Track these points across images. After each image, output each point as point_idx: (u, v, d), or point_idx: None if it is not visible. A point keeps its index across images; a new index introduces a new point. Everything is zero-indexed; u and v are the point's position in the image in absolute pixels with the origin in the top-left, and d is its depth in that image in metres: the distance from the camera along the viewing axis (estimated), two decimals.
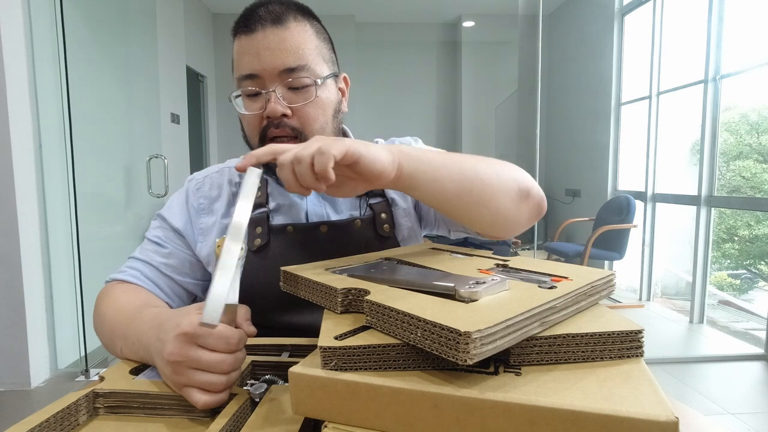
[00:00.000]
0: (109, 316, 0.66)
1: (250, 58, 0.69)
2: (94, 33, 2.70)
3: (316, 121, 0.72)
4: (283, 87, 0.69)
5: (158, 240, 0.77)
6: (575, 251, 3.48)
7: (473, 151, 2.42)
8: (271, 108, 0.69)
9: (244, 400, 0.45)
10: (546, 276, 0.46)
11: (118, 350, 0.62)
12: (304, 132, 0.71)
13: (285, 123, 0.70)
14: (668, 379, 2.28)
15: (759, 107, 3.84)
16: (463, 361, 0.30)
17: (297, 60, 0.69)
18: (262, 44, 0.68)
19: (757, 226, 4.03)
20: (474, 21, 5.13)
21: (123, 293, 0.70)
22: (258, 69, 0.69)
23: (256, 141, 0.73)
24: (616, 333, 0.36)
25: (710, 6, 3.05)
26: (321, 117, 0.73)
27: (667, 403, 0.29)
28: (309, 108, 0.71)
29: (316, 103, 0.71)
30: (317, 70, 0.71)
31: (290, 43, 0.69)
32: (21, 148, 2.11)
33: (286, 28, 0.69)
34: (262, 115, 0.70)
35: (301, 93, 0.70)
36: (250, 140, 0.75)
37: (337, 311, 0.43)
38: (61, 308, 2.31)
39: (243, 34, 0.70)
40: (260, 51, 0.68)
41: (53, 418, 0.42)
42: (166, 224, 0.78)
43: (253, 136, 0.73)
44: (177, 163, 3.74)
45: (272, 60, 0.68)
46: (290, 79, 0.69)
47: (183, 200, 0.80)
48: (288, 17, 0.70)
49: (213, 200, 0.79)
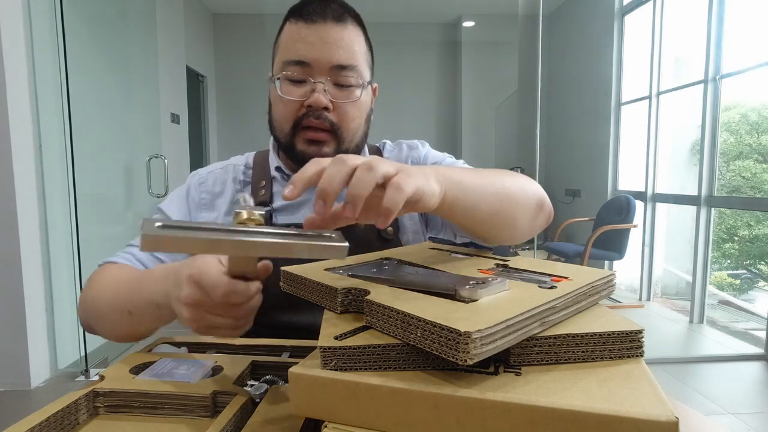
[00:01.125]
0: (108, 291, 0.65)
1: (304, 45, 0.70)
2: (94, 33, 2.70)
3: (354, 121, 0.75)
4: (329, 81, 0.72)
5: None
6: (575, 251, 3.48)
7: (473, 151, 2.45)
8: (316, 98, 0.70)
9: (244, 401, 0.45)
10: (546, 276, 0.46)
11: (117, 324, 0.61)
12: (341, 128, 0.73)
13: (325, 116, 0.72)
14: (668, 379, 2.28)
15: (759, 107, 3.84)
16: (463, 361, 0.30)
17: (349, 59, 0.72)
18: (320, 36, 0.70)
19: (757, 226, 4.04)
20: (474, 21, 5.14)
21: (119, 269, 0.70)
22: (311, 58, 0.70)
23: (288, 127, 0.74)
24: (616, 333, 0.36)
25: (710, 6, 3.05)
26: (358, 118, 0.75)
27: (668, 403, 0.29)
28: (350, 107, 0.73)
29: (357, 104, 0.74)
30: (363, 73, 0.74)
31: (346, 42, 0.72)
32: (21, 148, 2.11)
33: (345, 27, 0.72)
34: (302, 102, 0.72)
35: (345, 91, 0.73)
36: (281, 125, 0.75)
37: (337, 311, 0.43)
38: (61, 308, 2.31)
39: (301, 21, 0.71)
40: (316, 42, 0.70)
41: (53, 417, 0.42)
42: (164, 216, 0.78)
43: (286, 122, 0.74)
44: (177, 163, 3.74)
45: (327, 53, 0.70)
46: (339, 76, 0.72)
47: (184, 194, 0.80)
48: (347, 18, 0.73)
49: (216, 196, 0.80)
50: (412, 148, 0.88)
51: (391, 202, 0.39)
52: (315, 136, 0.73)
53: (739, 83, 3.17)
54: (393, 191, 0.39)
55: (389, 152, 0.89)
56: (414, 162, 0.86)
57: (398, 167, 0.41)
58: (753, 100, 3.81)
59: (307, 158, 0.73)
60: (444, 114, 5.45)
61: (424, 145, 0.89)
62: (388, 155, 0.88)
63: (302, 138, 0.74)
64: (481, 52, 5.18)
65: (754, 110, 3.87)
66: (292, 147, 0.75)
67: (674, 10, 3.57)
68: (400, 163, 0.43)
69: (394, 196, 0.39)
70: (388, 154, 0.88)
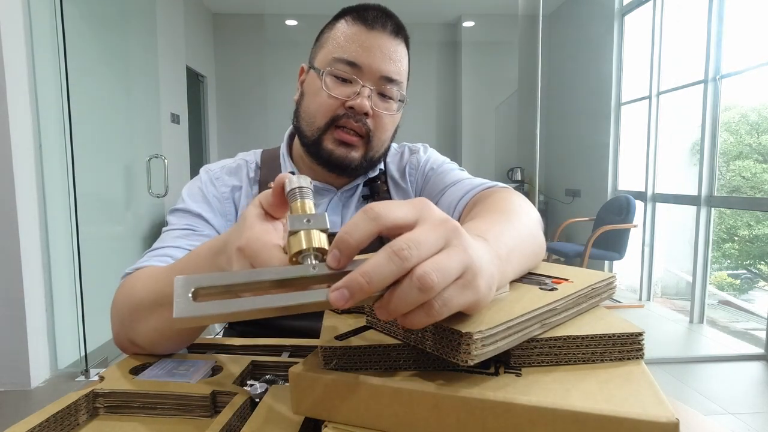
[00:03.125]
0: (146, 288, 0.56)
1: (361, 48, 0.72)
2: (94, 33, 2.70)
3: (386, 133, 0.77)
4: (374, 90, 0.73)
5: (189, 227, 0.71)
6: (575, 251, 3.48)
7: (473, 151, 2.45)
8: (361, 102, 0.71)
9: (243, 400, 0.45)
10: (547, 278, 0.46)
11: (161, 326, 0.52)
12: (374, 136, 0.75)
13: (364, 121, 0.73)
14: (668, 379, 2.28)
15: (759, 107, 3.84)
16: (464, 361, 0.30)
17: (397, 74, 0.74)
18: (378, 44, 0.72)
19: (757, 226, 4.04)
20: (474, 21, 5.13)
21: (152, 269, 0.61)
22: (365, 63, 0.72)
23: (323, 121, 0.74)
24: (616, 335, 0.36)
25: (710, 6, 3.05)
26: (389, 131, 0.78)
27: (668, 404, 0.29)
28: (387, 118, 0.76)
29: (393, 118, 0.77)
30: (404, 91, 0.77)
31: (398, 57, 0.74)
32: (21, 148, 2.11)
33: (399, 43, 0.75)
34: (343, 102, 0.72)
35: (386, 102, 0.75)
36: (314, 117, 0.74)
37: (338, 311, 0.43)
38: (61, 308, 2.31)
39: (361, 23, 0.73)
40: (373, 48, 0.72)
41: (53, 418, 0.42)
42: (190, 213, 0.73)
43: (322, 116, 0.74)
44: (177, 163, 3.74)
45: (380, 62, 0.72)
46: (385, 87, 0.73)
47: (200, 192, 0.77)
48: (402, 36, 0.76)
49: (234, 189, 0.80)
50: (413, 152, 0.89)
51: (444, 308, 0.29)
52: (349, 139, 0.73)
53: (739, 83, 3.16)
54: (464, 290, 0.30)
55: (393, 155, 0.89)
56: (412, 167, 0.86)
57: (468, 252, 0.30)
58: (753, 100, 3.81)
59: (333, 158, 0.74)
60: (444, 114, 5.45)
61: (426, 150, 0.89)
62: (391, 158, 0.88)
63: (333, 136, 0.74)
64: (481, 52, 5.18)
65: (754, 110, 3.87)
66: (319, 143, 0.75)
67: (674, 10, 3.57)
68: (468, 248, 0.31)
69: (463, 297, 0.30)
70: (391, 157, 0.89)
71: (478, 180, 0.79)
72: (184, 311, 0.28)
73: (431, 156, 0.88)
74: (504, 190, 0.69)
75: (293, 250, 0.33)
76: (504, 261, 0.39)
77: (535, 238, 0.50)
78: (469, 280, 0.30)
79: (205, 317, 0.28)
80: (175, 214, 0.75)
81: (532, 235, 0.50)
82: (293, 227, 0.33)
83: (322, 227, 0.33)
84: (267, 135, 4.98)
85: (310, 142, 0.76)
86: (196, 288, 0.30)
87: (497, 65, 5.15)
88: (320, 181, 0.81)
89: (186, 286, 0.29)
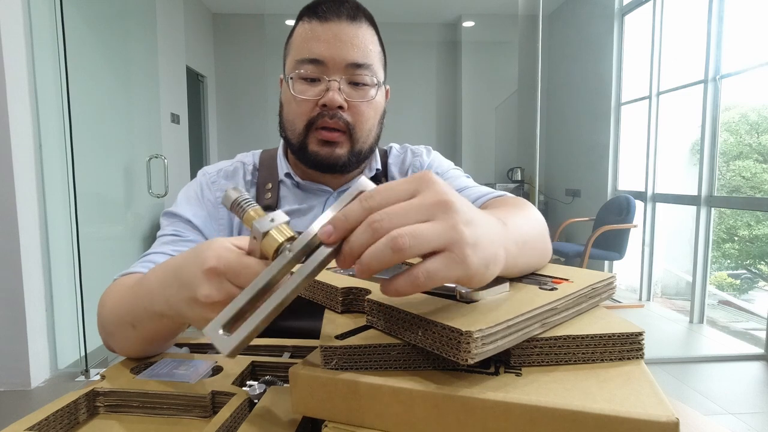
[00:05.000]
0: (113, 303, 0.58)
1: (318, 44, 0.70)
2: (94, 33, 2.70)
3: (368, 122, 0.74)
4: (344, 80, 0.71)
5: (175, 233, 0.72)
6: (575, 251, 3.48)
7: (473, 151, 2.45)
8: (331, 97, 0.69)
9: (241, 401, 0.45)
10: (547, 278, 0.46)
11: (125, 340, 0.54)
12: (355, 129, 0.72)
13: (340, 115, 0.71)
14: (668, 379, 2.28)
15: (759, 107, 3.84)
16: (464, 360, 0.30)
17: (364, 58, 0.71)
18: (335, 34, 0.70)
19: (757, 226, 4.04)
20: (474, 21, 5.13)
21: (127, 279, 0.63)
22: (326, 56, 0.69)
23: (302, 126, 0.73)
24: (616, 335, 0.36)
25: (710, 6, 3.05)
26: (372, 119, 0.74)
27: (668, 403, 0.29)
28: (364, 106, 0.72)
29: (372, 104, 0.73)
30: (378, 73, 0.74)
31: (361, 41, 0.71)
32: (21, 148, 2.11)
33: (359, 26, 0.71)
34: (316, 102, 0.71)
35: (359, 90, 0.72)
36: (294, 125, 0.74)
37: (338, 310, 0.43)
38: (61, 308, 2.31)
39: (315, 19, 0.71)
40: (331, 40, 0.69)
41: (53, 416, 0.42)
42: (181, 219, 0.75)
43: (300, 121, 0.73)
44: (177, 163, 3.74)
45: (342, 52, 0.70)
46: (354, 74, 0.71)
47: (197, 195, 0.78)
48: (361, 17, 0.72)
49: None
50: (416, 155, 0.87)
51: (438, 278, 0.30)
52: (329, 137, 0.72)
53: (739, 83, 3.16)
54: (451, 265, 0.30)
55: (395, 157, 0.88)
56: (415, 170, 0.86)
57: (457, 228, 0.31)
58: (753, 100, 3.81)
59: (320, 160, 0.73)
60: (444, 114, 5.45)
61: (430, 153, 0.88)
62: (393, 160, 0.87)
63: (315, 138, 0.73)
64: (481, 52, 5.18)
65: (754, 110, 3.87)
66: (305, 148, 0.74)
67: (674, 10, 3.57)
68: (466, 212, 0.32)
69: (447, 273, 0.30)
70: (393, 159, 0.88)
71: (486, 188, 0.79)
72: (227, 347, 0.33)
73: (435, 159, 0.87)
74: (517, 197, 0.69)
75: (272, 249, 0.35)
76: (520, 246, 0.40)
77: (545, 243, 0.52)
78: (457, 254, 0.30)
79: (244, 339, 0.33)
80: (167, 217, 0.76)
81: (543, 238, 0.52)
82: (263, 229, 0.36)
83: (285, 220, 0.37)
84: (267, 135, 4.98)
85: (296, 148, 0.75)
86: (221, 326, 0.34)
87: (497, 65, 5.15)
88: (315, 183, 0.81)
89: (215, 328, 0.34)
